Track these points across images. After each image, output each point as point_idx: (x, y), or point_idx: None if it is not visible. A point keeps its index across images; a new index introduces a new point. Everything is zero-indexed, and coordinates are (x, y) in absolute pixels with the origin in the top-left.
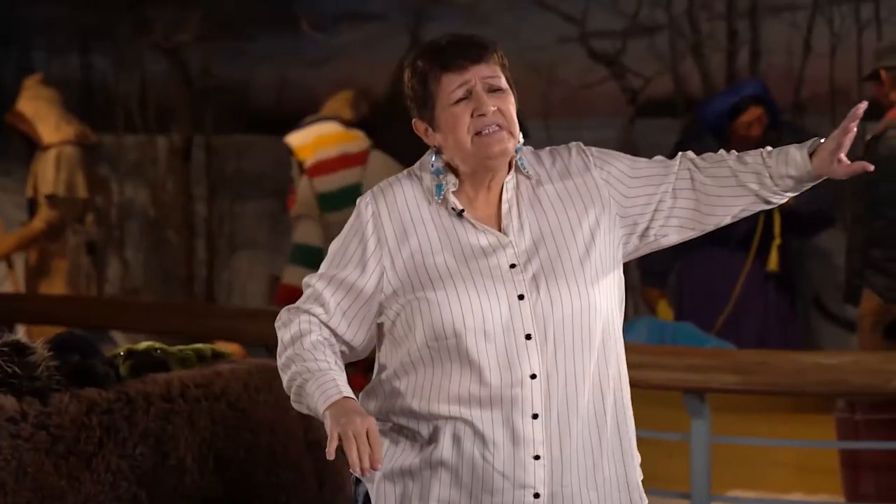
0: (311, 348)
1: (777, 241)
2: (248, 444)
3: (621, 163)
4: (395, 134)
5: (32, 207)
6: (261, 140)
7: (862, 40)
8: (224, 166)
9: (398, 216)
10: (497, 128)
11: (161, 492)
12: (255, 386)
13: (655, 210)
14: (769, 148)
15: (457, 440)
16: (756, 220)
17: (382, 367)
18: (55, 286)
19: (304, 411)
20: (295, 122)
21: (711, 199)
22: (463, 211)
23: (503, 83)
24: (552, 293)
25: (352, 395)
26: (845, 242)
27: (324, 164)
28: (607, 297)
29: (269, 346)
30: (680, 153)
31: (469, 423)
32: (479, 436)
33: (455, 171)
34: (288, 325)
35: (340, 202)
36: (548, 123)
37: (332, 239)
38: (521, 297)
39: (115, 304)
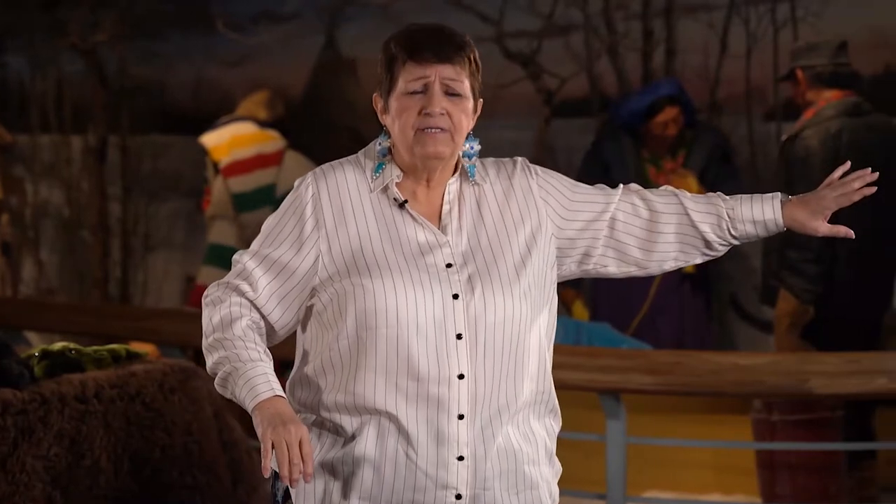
0: (241, 335)
1: None
2: (163, 444)
3: (562, 185)
4: (311, 134)
5: None
6: (176, 140)
7: (778, 40)
8: (139, 166)
9: (338, 200)
10: (439, 130)
11: (76, 492)
12: (170, 386)
13: (592, 238)
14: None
15: (381, 436)
16: None
17: (306, 356)
18: None
19: (228, 396)
20: (210, 123)
21: (653, 236)
22: (406, 202)
23: (463, 89)
24: (486, 296)
25: (281, 393)
26: (762, 243)
27: (239, 164)
28: (538, 311)
29: (184, 346)
30: (621, 185)
31: (394, 420)
32: (404, 433)
33: (398, 162)
34: (217, 305)
35: (255, 202)
36: None
37: (248, 239)
38: (455, 296)
39: (29, 304)
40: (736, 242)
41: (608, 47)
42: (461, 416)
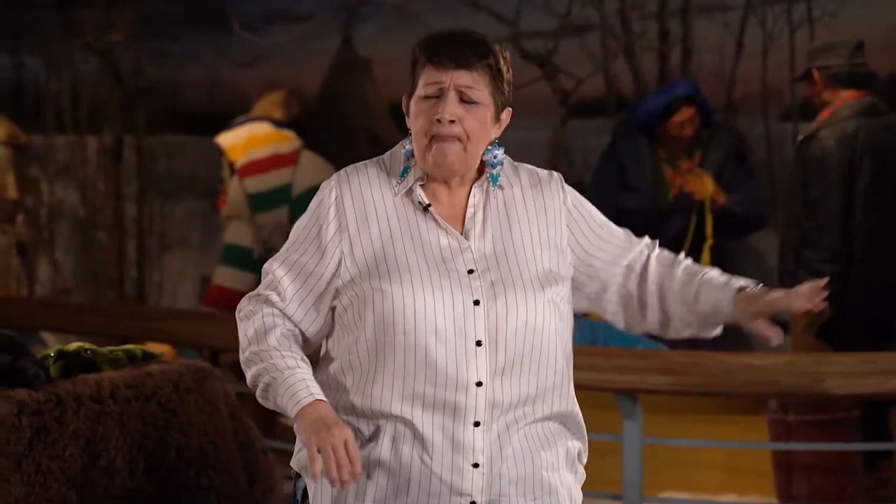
0: (276, 345)
1: (709, 242)
2: (179, 445)
3: (592, 218)
4: (327, 134)
5: None
6: (192, 140)
7: (794, 40)
8: (155, 166)
9: (361, 202)
10: (452, 139)
11: (91, 493)
12: (186, 387)
13: (606, 282)
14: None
15: (396, 441)
16: (688, 221)
17: (328, 357)
18: None
19: (271, 407)
20: (226, 123)
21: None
22: (429, 206)
23: (480, 97)
24: (509, 303)
25: (322, 397)
26: (778, 243)
27: (255, 164)
28: (560, 323)
29: (199, 346)
30: (648, 238)
31: (410, 425)
32: (419, 438)
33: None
34: (251, 318)
35: (271, 203)
36: None
37: (263, 239)
38: (476, 302)
39: (45, 304)
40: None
41: (624, 47)
42: (477, 424)
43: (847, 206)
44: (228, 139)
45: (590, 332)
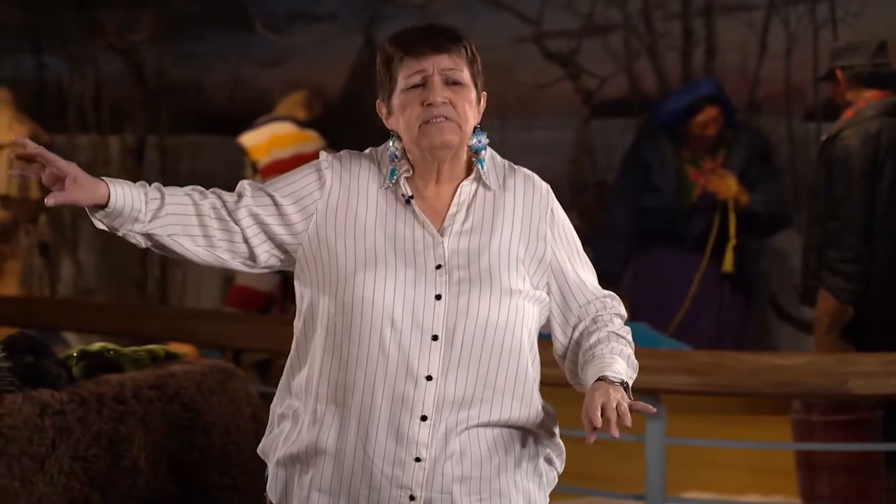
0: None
1: (732, 242)
2: (202, 445)
3: (569, 249)
4: (349, 134)
5: None
6: (214, 140)
7: (818, 40)
8: (177, 166)
9: (348, 182)
10: (444, 119)
11: (114, 493)
12: (209, 387)
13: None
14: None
15: (343, 429)
16: (711, 221)
17: (299, 339)
18: (7, 287)
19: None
20: (249, 123)
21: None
22: (412, 198)
23: (463, 77)
24: (471, 301)
25: (106, 180)
26: (801, 243)
27: (277, 164)
28: (528, 326)
29: (221, 347)
30: (609, 296)
31: (357, 412)
32: (364, 427)
33: (409, 159)
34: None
35: None
36: (503, 124)
37: None
38: (438, 297)
39: (68, 304)
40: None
41: (647, 47)
42: (424, 418)
43: (870, 206)
44: (251, 139)
45: None
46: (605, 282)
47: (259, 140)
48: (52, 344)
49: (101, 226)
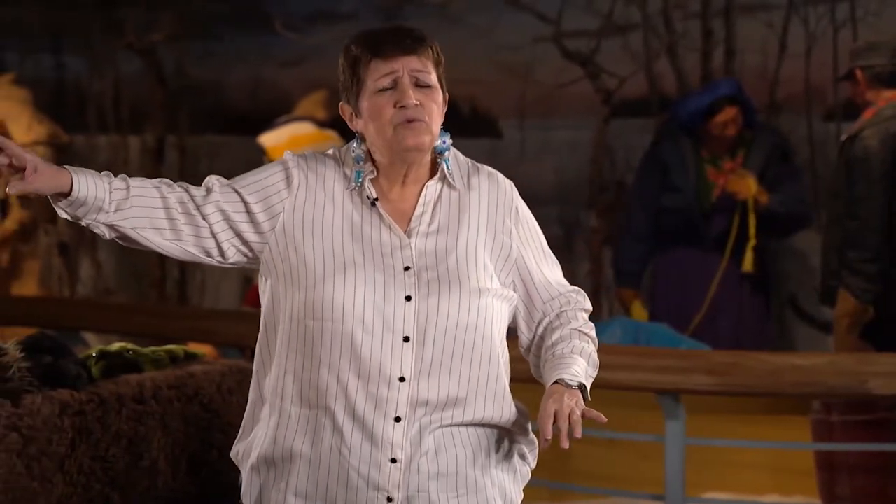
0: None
1: (752, 242)
2: (221, 446)
3: (534, 249)
4: None
5: (4, 208)
6: (234, 140)
7: (837, 40)
8: (197, 166)
9: (314, 182)
10: (417, 121)
11: (134, 494)
12: (229, 387)
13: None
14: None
15: (317, 432)
16: (730, 221)
17: (262, 341)
18: (27, 287)
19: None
20: (268, 123)
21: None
22: (377, 200)
23: (432, 80)
24: (441, 302)
25: (66, 168)
26: (821, 243)
27: None
28: (497, 326)
29: (241, 346)
30: (575, 291)
31: (331, 415)
32: (338, 430)
33: (374, 161)
34: None
35: None
36: (523, 124)
37: None
38: (408, 298)
39: (87, 304)
40: None
41: (667, 47)
42: (398, 419)
43: (890, 206)
44: (271, 139)
45: (633, 332)
46: (625, 282)
47: (279, 140)
48: (71, 344)
49: (64, 215)
